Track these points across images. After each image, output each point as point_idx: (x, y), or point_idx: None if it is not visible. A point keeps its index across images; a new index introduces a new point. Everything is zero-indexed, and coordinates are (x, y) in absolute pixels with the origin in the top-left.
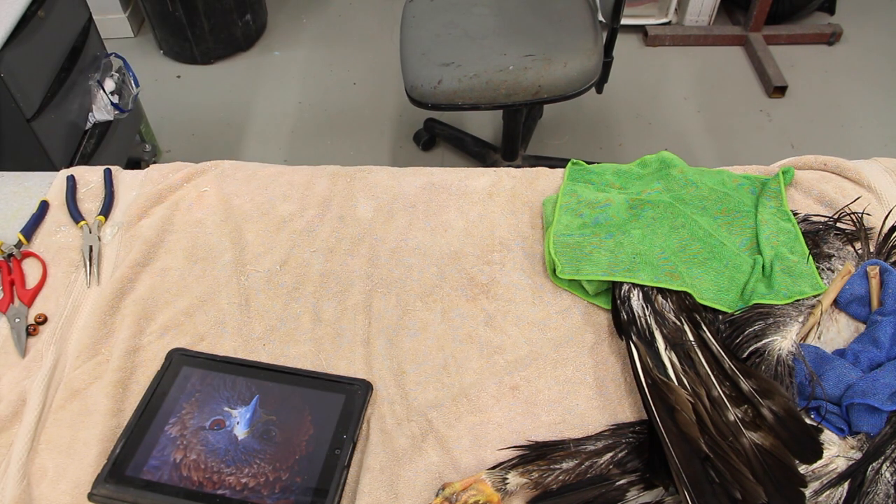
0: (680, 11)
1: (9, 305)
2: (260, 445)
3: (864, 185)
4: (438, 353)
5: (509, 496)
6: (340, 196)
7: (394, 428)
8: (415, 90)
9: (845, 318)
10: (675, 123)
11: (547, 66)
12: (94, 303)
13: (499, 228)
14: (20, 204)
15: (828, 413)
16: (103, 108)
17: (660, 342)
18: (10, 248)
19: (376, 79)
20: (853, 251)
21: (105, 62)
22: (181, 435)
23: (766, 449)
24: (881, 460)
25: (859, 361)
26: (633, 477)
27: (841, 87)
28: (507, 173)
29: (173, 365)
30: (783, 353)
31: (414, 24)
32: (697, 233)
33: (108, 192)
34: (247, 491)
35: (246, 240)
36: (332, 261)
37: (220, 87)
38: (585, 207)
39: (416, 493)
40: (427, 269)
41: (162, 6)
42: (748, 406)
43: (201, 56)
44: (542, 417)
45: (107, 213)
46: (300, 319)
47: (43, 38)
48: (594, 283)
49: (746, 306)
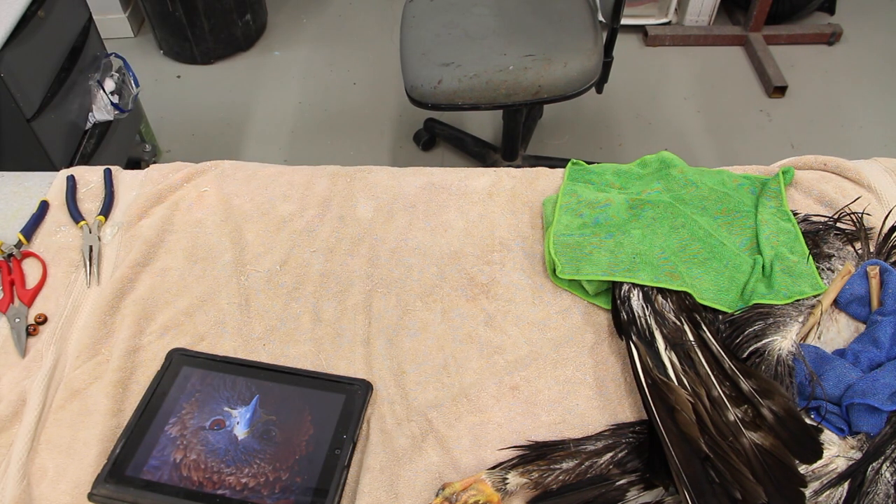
0: (680, 11)
1: (9, 305)
2: (260, 445)
3: (864, 185)
4: (438, 353)
5: (509, 496)
6: (340, 196)
7: (394, 428)
8: (415, 90)
9: (845, 318)
10: (675, 123)
11: (547, 66)
12: (94, 303)
13: (499, 228)
14: (20, 204)
15: (828, 413)
16: (103, 108)
17: (660, 342)
18: (10, 248)
19: (376, 79)
20: (853, 251)
21: (105, 62)
22: (181, 435)
23: (766, 449)
24: (881, 460)
25: (859, 361)
26: (633, 477)
27: (841, 87)
28: (507, 173)
29: (173, 365)
30: (783, 353)
31: (414, 24)
32: (697, 233)
33: (108, 192)
34: (247, 491)
35: (246, 240)
36: (332, 261)
37: (220, 87)
38: (585, 207)
39: (416, 493)
40: (427, 269)
41: (162, 6)
42: (748, 406)
43: (201, 56)
44: (542, 417)
45: (107, 213)
46: (300, 319)
47: (43, 38)
48: (594, 283)
49: (746, 306)
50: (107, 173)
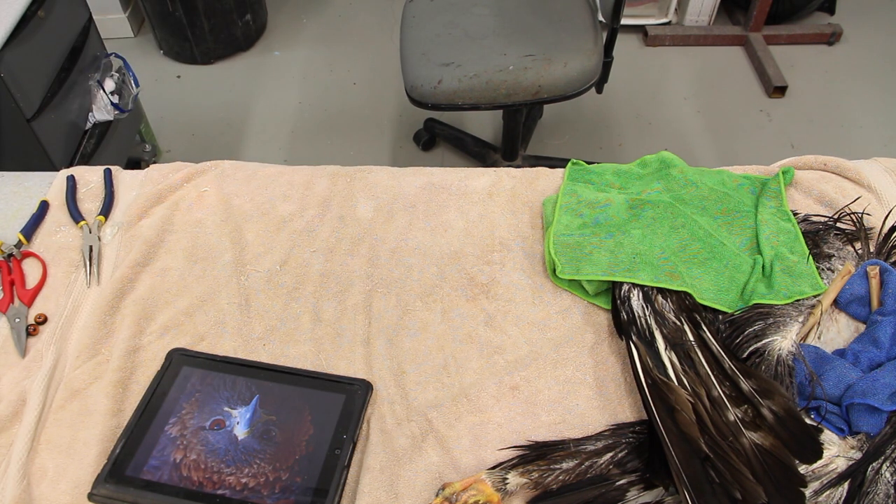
0: (680, 11)
1: (9, 305)
2: (260, 445)
3: (864, 185)
4: (438, 353)
5: (509, 496)
6: (340, 196)
7: (394, 428)
8: (415, 90)
9: (845, 318)
10: (675, 123)
11: (547, 66)
12: (94, 303)
13: (499, 228)
14: (20, 204)
15: (828, 413)
16: (103, 108)
17: (660, 342)
18: (10, 248)
19: (376, 79)
20: (853, 251)
21: (105, 62)
22: (181, 435)
23: (766, 449)
24: (881, 460)
25: (859, 361)
26: (633, 477)
27: (841, 87)
28: (507, 173)
29: (173, 365)
30: (783, 353)
31: (414, 24)
32: (697, 233)
33: (108, 192)
34: (247, 491)
35: (246, 240)
36: (332, 261)
37: (220, 87)
38: (585, 207)
39: (416, 493)
40: (427, 269)
41: (162, 6)
42: (748, 406)
43: (201, 56)
44: (542, 417)
45: (107, 213)
46: (300, 319)
47: (43, 38)
48: (594, 283)
49: (746, 306)
50: (107, 173)
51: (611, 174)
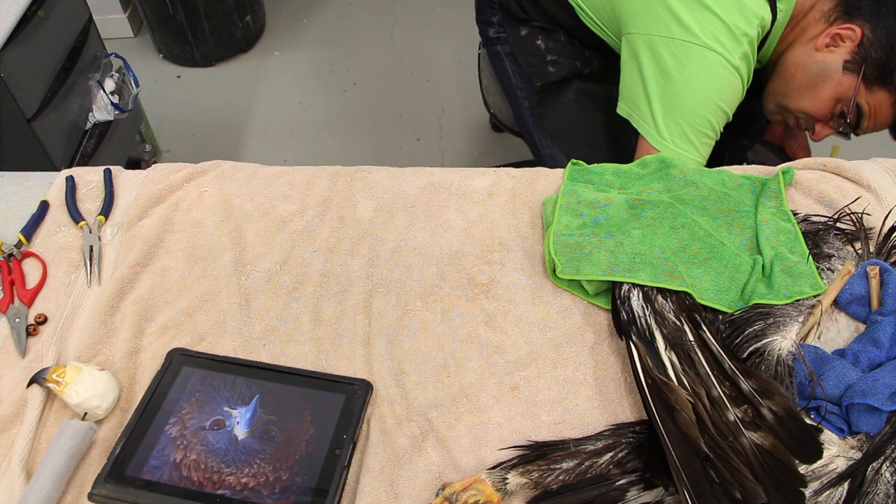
0: None
1: (9, 305)
2: (260, 445)
3: (864, 185)
4: (438, 353)
5: (509, 496)
6: (340, 196)
7: (394, 428)
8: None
9: (845, 318)
10: None
11: None
12: (94, 303)
13: (499, 228)
14: (20, 204)
15: (828, 413)
16: (103, 108)
17: (660, 342)
18: (10, 248)
19: (376, 79)
20: (853, 251)
21: (105, 62)
22: (181, 435)
23: (766, 449)
24: (881, 460)
25: (859, 361)
26: (633, 477)
27: None
28: (507, 173)
29: (173, 365)
30: (783, 353)
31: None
32: (697, 233)
33: (108, 193)
34: (247, 491)
35: (246, 240)
36: (332, 261)
37: (221, 87)
38: (585, 207)
39: (416, 493)
40: (427, 269)
41: (163, 10)
42: (748, 406)
43: (202, 59)
44: (542, 417)
45: (107, 214)
46: (300, 319)
47: (43, 38)
48: (594, 283)
49: (746, 306)
50: (107, 173)
51: (611, 174)
